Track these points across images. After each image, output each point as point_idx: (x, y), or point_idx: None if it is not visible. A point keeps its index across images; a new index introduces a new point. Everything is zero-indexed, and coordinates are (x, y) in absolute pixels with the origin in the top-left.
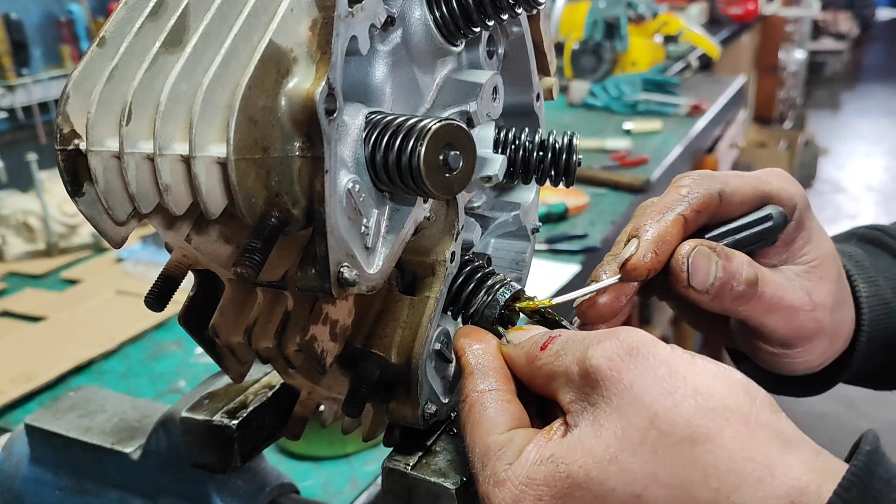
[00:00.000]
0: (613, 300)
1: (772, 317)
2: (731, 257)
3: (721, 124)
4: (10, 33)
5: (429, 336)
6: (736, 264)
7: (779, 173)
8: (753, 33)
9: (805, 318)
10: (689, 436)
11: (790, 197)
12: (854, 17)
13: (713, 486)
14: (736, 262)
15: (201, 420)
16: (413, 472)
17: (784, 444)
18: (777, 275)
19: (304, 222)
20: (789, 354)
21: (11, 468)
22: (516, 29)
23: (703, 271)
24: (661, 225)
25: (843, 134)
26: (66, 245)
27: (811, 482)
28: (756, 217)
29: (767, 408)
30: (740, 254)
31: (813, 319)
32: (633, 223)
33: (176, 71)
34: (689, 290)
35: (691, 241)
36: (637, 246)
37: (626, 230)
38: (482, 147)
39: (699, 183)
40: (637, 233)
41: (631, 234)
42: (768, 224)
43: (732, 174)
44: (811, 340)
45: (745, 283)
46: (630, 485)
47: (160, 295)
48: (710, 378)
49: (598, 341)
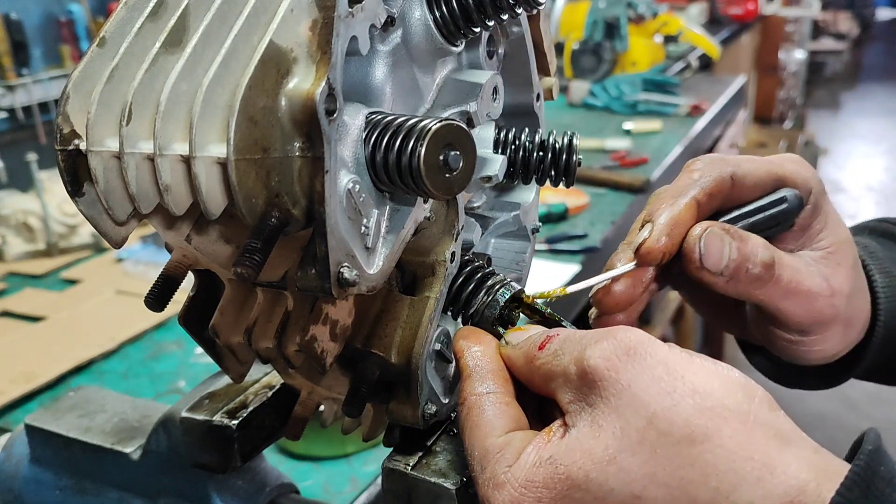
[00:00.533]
0: (629, 288)
1: (789, 302)
2: (746, 239)
3: (721, 124)
4: (10, 33)
5: (429, 336)
6: (751, 246)
7: (792, 157)
8: (753, 33)
9: (823, 304)
10: (687, 435)
11: (805, 180)
12: (854, 17)
13: (712, 486)
14: (751, 243)
15: (201, 420)
16: (413, 472)
17: (783, 443)
18: (794, 259)
19: (304, 222)
20: (805, 342)
21: (11, 468)
22: (516, 29)
23: (716, 252)
24: (674, 209)
25: (843, 134)
26: (66, 245)
27: (810, 480)
28: (770, 200)
29: (766, 406)
30: (755, 236)
31: (830, 305)
32: (647, 209)
33: (176, 71)
34: (703, 272)
35: (704, 223)
36: (651, 230)
37: (640, 217)
38: (482, 147)
39: (711, 166)
40: (650, 217)
41: (644, 220)
42: (783, 206)
43: (744, 158)
44: (828, 327)
45: (761, 266)
46: (629, 485)
47: (160, 295)
48: (708, 377)
49: (595, 341)
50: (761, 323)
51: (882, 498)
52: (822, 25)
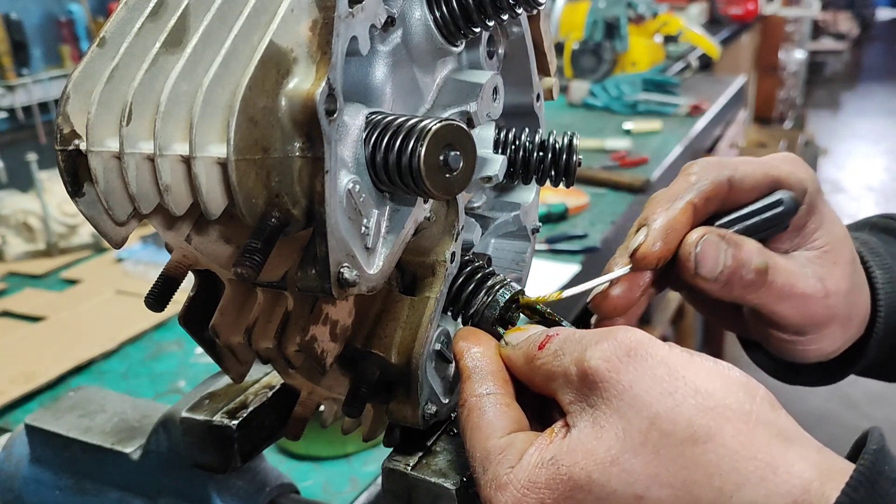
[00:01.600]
0: (627, 292)
1: (783, 304)
2: (741, 245)
3: (721, 124)
4: (10, 33)
5: (429, 336)
6: (746, 252)
7: (789, 157)
8: (753, 33)
9: (817, 306)
10: (690, 436)
11: (800, 181)
12: (854, 17)
13: (716, 486)
14: (746, 249)
15: (201, 420)
16: (413, 472)
17: (786, 442)
18: (789, 261)
19: (304, 223)
20: (802, 341)
21: (11, 468)
22: (516, 29)
23: (711, 259)
24: (669, 213)
25: (843, 134)
26: (66, 245)
27: (814, 480)
28: (766, 203)
29: (768, 405)
30: (751, 241)
31: (825, 306)
32: (644, 213)
33: (176, 71)
34: (698, 279)
35: (700, 228)
36: (646, 235)
37: (637, 221)
38: (482, 147)
39: (708, 170)
40: (646, 221)
41: (640, 224)
42: (779, 209)
43: (742, 160)
44: (824, 327)
45: (754, 272)
46: (632, 486)
47: (160, 295)
48: (710, 376)
49: (595, 342)
50: (758, 324)
51: (887, 498)
52: (822, 25)
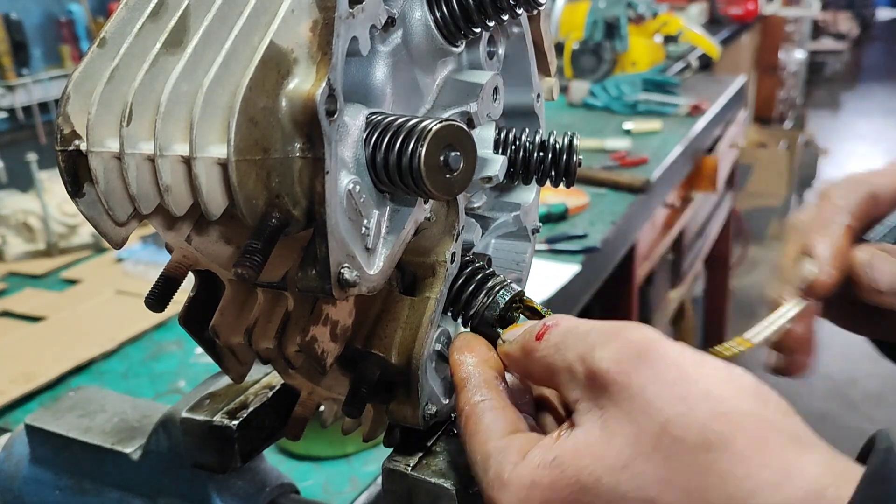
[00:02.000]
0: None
1: None
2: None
3: (721, 124)
4: (10, 33)
5: (429, 337)
6: None
7: None
8: (753, 33)
9: None
10: (702, 442)
11: None
12: (854, 17)
13: (729, 492)
14: None
15: (201, 420)
16: (413, 472)
17: (800, 447)
18: None
19: (304, 223)
20: None
21: (11, 468)
22: (517, 29)
23: (887, 274)
24: (834, 241)
25: (843, 134)
26: (66, 245)
27: (829, 485)
28: None
29: (780, 411)
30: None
31: None
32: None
33: (176, 72)
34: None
35: (865, 247)
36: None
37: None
38: (482, 148)
39: (850, 189)
40: (809, 252)
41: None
42: None
43: (872, 173)
44: None
45: None
46: (643, 490)
47: (160, 295)
48: (722, 381)
49: (603, 342)
50: None
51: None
52: (822, 25)
